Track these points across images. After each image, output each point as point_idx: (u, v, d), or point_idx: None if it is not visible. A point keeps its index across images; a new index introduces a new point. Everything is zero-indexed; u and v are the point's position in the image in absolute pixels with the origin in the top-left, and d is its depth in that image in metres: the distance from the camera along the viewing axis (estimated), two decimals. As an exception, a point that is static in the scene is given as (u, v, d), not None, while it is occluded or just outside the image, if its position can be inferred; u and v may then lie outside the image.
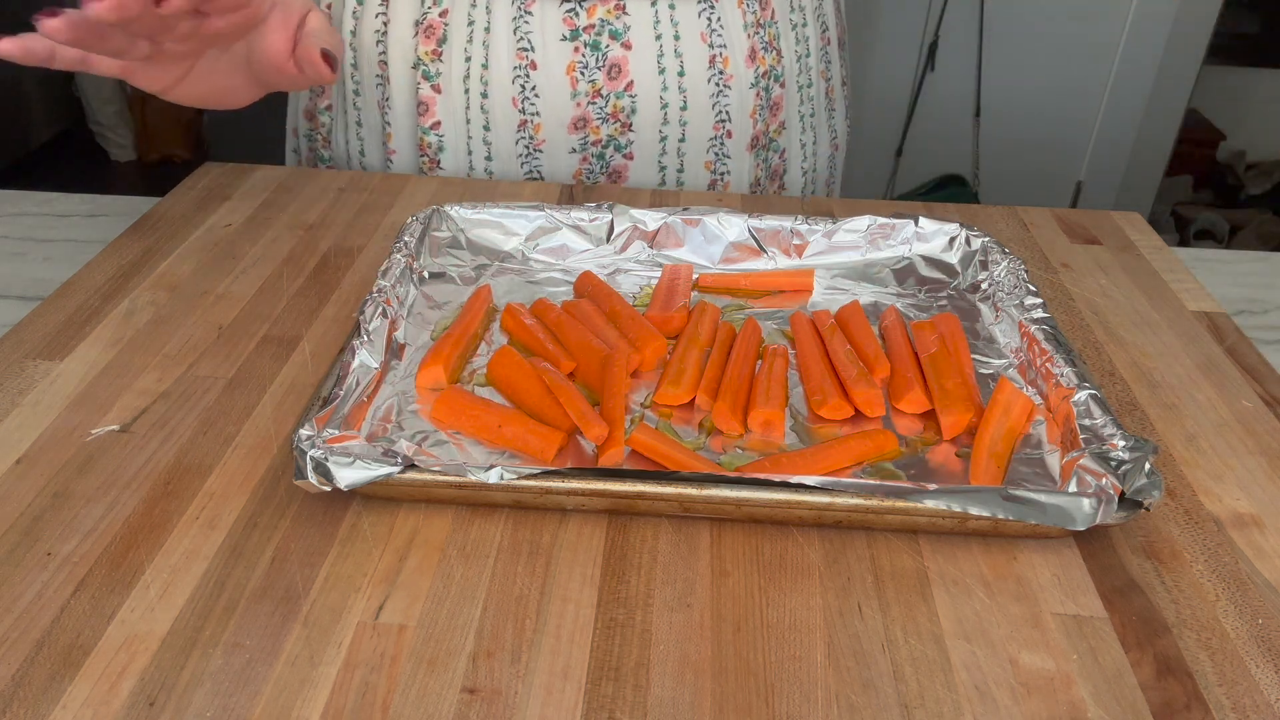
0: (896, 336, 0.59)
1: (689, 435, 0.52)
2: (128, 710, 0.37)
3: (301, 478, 0.44)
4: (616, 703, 0.38)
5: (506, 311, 0.60)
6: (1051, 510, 0.44)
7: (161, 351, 0.58)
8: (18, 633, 0.40)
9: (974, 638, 0.41)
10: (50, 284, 0.65)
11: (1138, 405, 0.56)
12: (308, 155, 0.92)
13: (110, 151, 3.14)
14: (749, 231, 0.68)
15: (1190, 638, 0.42)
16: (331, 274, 0.66)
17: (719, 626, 0.41)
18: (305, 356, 0.58)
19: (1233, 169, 2.77)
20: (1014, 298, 0.61)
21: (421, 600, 0.42)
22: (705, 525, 0.47)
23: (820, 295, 0.66)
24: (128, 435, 0.51)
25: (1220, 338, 0.63)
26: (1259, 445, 0.54)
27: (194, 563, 0.44)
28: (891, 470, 0.50)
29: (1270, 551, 0.46)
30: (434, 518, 0.47)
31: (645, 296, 0.65)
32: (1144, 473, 0.45)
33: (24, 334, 0.59)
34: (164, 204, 0.75)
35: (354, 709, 0.38)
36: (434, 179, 0.80)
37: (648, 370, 0.57)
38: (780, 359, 0.57)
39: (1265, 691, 0.39)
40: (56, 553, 0.44)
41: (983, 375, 0.57)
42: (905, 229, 0.68)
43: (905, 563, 0.45)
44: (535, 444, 0.50)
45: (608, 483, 0.45)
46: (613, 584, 0.43)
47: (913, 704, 0.38)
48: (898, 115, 2.40)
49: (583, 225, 0.68)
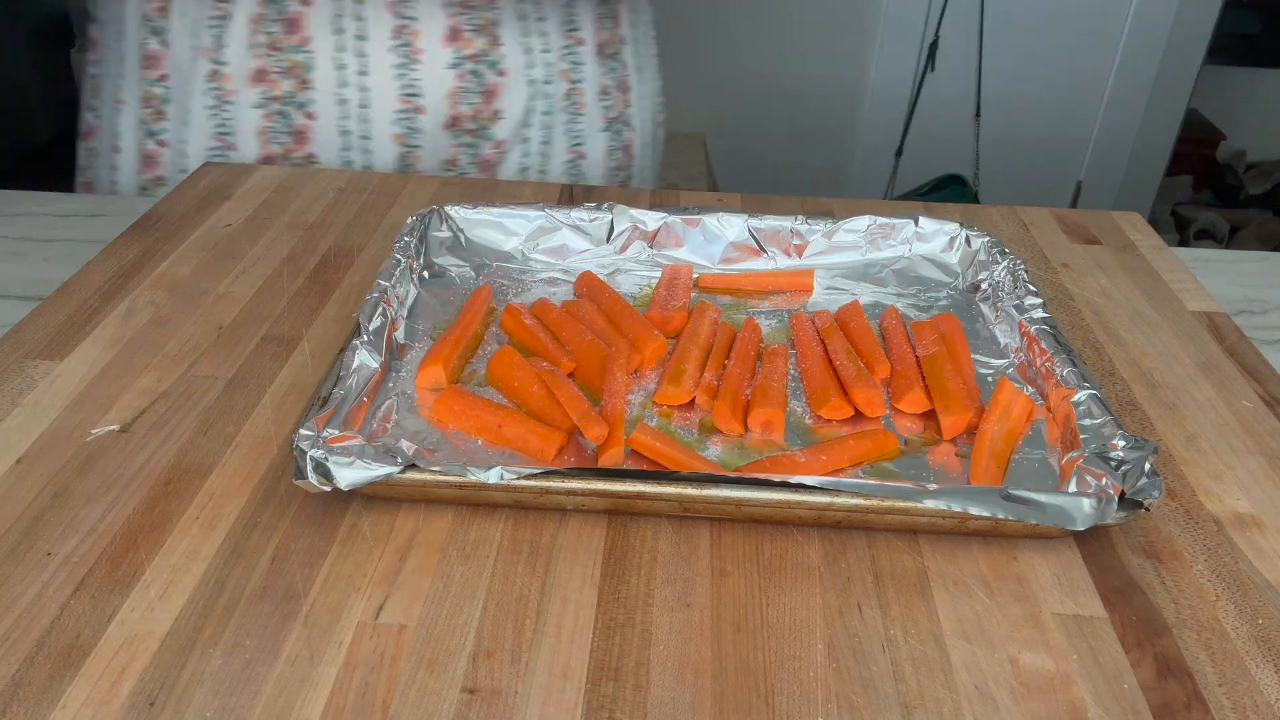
0: (896, 336, 0.59)
1: (689, 435, 0.52)
2: (128, 710, 0.37)
3: (301, 478, 0.44)
4: (616, 703, 0.38)
5: (506, 311, 0.60)
6: (1051, 510, 0.44)
7: (161, 351, 0.58)
8: (18, 633, 0.40)
9: (974, 638, 0.41)
10: (50, 284, 0.65)
11: (1138, 405, 0.56)
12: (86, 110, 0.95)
13: (110, 151, 3.14)
14: (749, 231, 0.68)
15: (1190, 638, 0.42)
16: (331, 274, 0.66)
17: (719, 626, 0.41)
18: (305, 356, 0.58)
19: (1233, 169, 2.77)
20: (1014, 298, 0.61)
21: (421, 600, 0.42)
22: (705, 525, 0.47)
23: (820, 295, 0.66)
24: (128, 435, 0.51)
25: (1220, 338, 0.63)
26: (1259, 445, 0.54)
27: (194, 563, 0.44)
28: (891, 470, 0.50)
29: (1270, 551, 0.46)
30: (434, 518, 0.47)
31: (645, 296, 0.65)
32: (1144, 473, 0.45)
33: (24, 334, 0.59)
34: (164, 204, 0.75)
35: (354, 709, 0.38)
36: (434, 179, 0.80)
37: (648, 370, 0.57)
38: (780, 359, 0.57)
39: (1265, 691, 0.39)
40: (56, 553, 0.44)
41: (983, 375, 0.57)
42: (905, 229, 0.68)
43: (905, 563, 0.45)
44: (535, 444, 0.50)
45: (608, 483, 0.45)
46: (613, 584, 0.43)
47: (913, 704, 0.38)
48: (898, 115, 2.40)
49: (582, 225, 0.68)
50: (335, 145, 0.83)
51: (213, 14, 0.80)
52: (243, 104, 0.82)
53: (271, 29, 0.79)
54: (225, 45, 0.80)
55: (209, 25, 0.80)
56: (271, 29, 0.79)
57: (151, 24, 0.82)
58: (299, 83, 0.80)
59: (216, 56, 0.81)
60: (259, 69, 0.80)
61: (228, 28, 0.80)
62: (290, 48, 0.79)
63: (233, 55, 0.80)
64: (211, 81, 0.82)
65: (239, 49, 0.80)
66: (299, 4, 0.79)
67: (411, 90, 0.81)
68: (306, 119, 0.82)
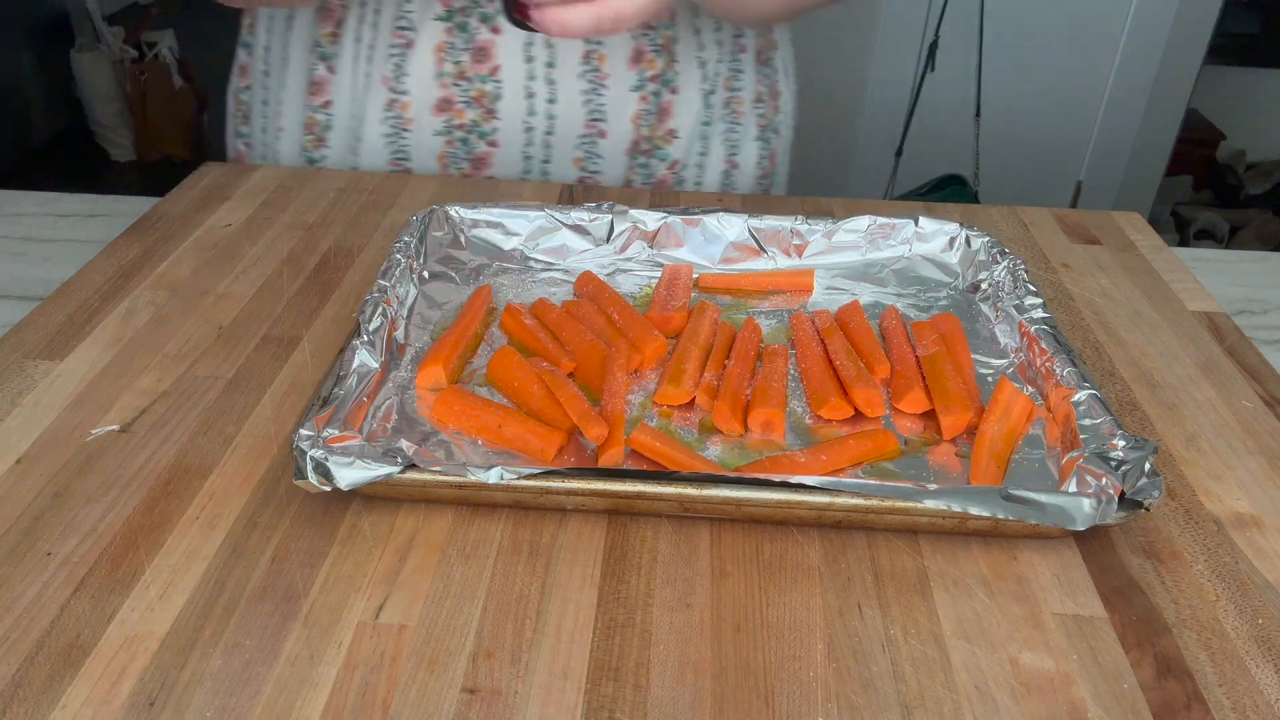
0: (896, 336, 0.59)
1: (689, 435, 0.52)
2: (128, 710, 0.37)
3: (301, 478, 0.44)
4: (616, 703, 0.38)
5: (506, 311, 0.60)
6: (1051, 510, 0.44)
7: (161, 351, 0.58)
8: (18, 633, 0.40)
9: (974, 638, 0.41)
10: (50, 284, 0.65)
11: (1138, 405, 0.56)
12: (234, 132, 0.93)
13: (110, 151, 3.14)
14: (749, 231, 0.68)
15: (1190, 638, 0.42)
16: (331, 274, 0.66)
17: (719, 626, 0.41)
18: (305, 356, 0.58)
19: (1233, 169, 2.77)
20: (1014, 298, 0.61)
21: (421, 600, 0.42)
22: (705, 525, 0.47)
23: (820, 295, 0.66)
24: (128, 435, 0.51)
25: (1220, 338, 0.63)
26: (1259, 445, 0.54)
27: (194, 563, 0.44)
28: (891, 470, 0.50)
29: (1270, 551, 0.46)
30: (434, 518, 0.47)
31: (645, 296, 0.65)
32: (1144, 473, 0.45)
33: (24, 334, 0.59)
34: (164, 204, 0.75)
35: (354, 709, 0.38)
36: (434, 179, 0.80)
37: (648, 370, 0.57)
38: (780, 359, 0.57)
39: (1265, 691, 0.39)
40: (56, 553, 0.44)
41: (983, 375, 0.57)
42: (905, 229, 0.68)
43: (905, 563, 0.45)
44: (535, 444, 0.50)
45: (608, 483, 0.45)
46: (613, 584, 0.43)
47: (913, 704, 0.38)
48: (898, 115, 2.40)
49: (583, 225, 0.68)
50: (515, 170, 0.82)
51: (394, 42, 0.77)
52: (422, 132, 0.80)
53: (459, 58, 0.76)
54: (406, 74, 0.78)
55: (390, 54, 0.78)
56: (459, 58, 0.76)
57: (321, 50, 0.80)
58: (485, 112, 0.78)
59: (396, 85, 0.78)
60: (443, 98, 0.78)
61: (409, 56, 0.77)
62: (479, 77, 0.77)
63: (414, 84, 0.78)
64: (389, 110, 0.79)
65: (422, 78, 0.78)
66: (489, 32, 0.76)
67: (597, 115, 0.79)
68: (489, 146, 0.80)
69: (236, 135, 0.91)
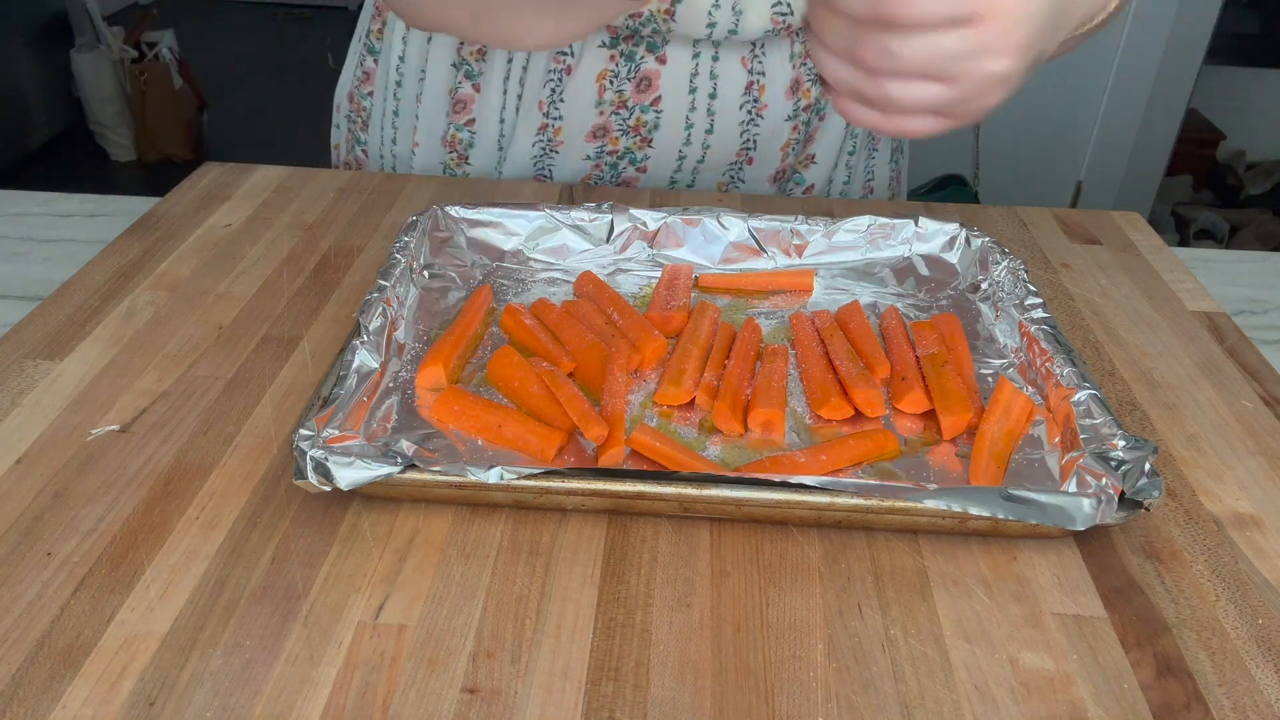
0: (896, 336, 0.59)
1: (689, 435, 0.52)
2: (128, 710, 0.37)
3: (301, 478, 0.44)
4: (616, 703, 0.38)
5: (506, 311, 0.60)
6: (1051, 510, 0.44)
7: (161, 351, 0.58)
8: (18, 633, 0.40)
9: (974, 638, 0.41)
10: (50, 284, 0.65)
11: (1138, 405, 0.56)
12: (347, 135, 0.92)
13: (110, 151, 3.14)
14: (749, 231, 0.68)
15: (1190, 638, 0.42)
16: (331, 274, 0.66)
17: (719, 626, 0.41)
18: (305, 356, 0.58)
19: (1233, 169, 2.77)
20: (1014, 298, 0.61)
21: (421, 600, 0.42)
22: (705, 525, 0.47)
23: (820, 295, 0.66)
24: (128, 435, 0.51)
25: (1220, 338, 0.63)
26: (1259, 445, 0.54)
27: (194, 563, 0.44)
28: (891, 470, 0.50)
29: (1270, 551, 0.46)
30: (434, 518, 0.47)
31: (645, 296, 0.65)
32: (1144, 473, 0.45)
33: (24, 334, 0.59)
34: (164, 204, 0.75)
35: (354, 709, 0.38)
36: (433, 179, 0.80)
37: (648, 370, 0.57)
38: (780, 359, 0.57)
39: (1265, 691, 0.39)
40: (56, 553, 0.44)
41: (983, 375, 0.57)
42: (905, 229, 0.68)
43: (905, 563, 0.45)
44: (535, 444, 0.50)
45: (608, 483, 0.45)
46: (613, 584, 0.43)
47: (913, 704, 0.38)
48: (898, 115, 2.40)
49: (583, 225, 0.68)
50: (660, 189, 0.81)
51: (552, 66, 0.76)
52: (572, 155, 0.79)
53: (622, 87, 0.74)
54: (562, 100, 0.76)
55: (546, 78, 0.76)
56: (622, 87, 0.74)
57: (466, 67, 0.78)
58: (641, 140, 0.77)
59: (550, 110, 0.77)
60: (600, 125, 0.76)
61: (568, 82, 0.75)
62: (640, 107, 0.75)
63: (569, 111, 0.76)
64: (541, 134, 0.78)
65: (579, 105, 0.76)
66: (655, 62, 0.74)
67: (749, 144, 0.78)
68: (637, 172, 0.79)
69: (354, 141, 0.90)
